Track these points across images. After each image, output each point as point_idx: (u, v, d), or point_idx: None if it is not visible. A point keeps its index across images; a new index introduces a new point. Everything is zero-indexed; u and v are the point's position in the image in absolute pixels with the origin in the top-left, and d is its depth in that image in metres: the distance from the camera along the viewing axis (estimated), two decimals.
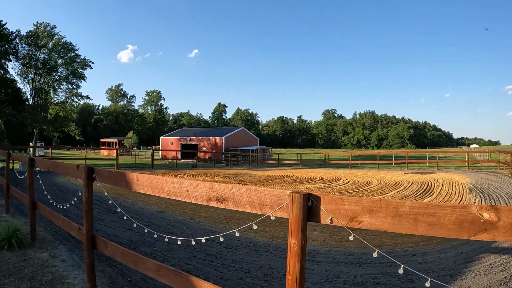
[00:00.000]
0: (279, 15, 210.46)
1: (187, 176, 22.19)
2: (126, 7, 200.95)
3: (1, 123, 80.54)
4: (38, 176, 7.19)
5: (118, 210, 4.41)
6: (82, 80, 42.74)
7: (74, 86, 42.31)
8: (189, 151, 41.20)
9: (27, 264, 5.17)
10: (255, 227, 2.39)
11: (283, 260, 5.61)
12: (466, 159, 30.57)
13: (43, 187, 7.37)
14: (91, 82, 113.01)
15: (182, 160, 37.42)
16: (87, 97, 43.78)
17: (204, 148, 52.06)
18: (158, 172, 24.04)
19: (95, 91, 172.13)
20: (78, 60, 42.39)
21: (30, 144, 60.91)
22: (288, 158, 49.13)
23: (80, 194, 4.38)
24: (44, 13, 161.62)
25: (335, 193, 13.60)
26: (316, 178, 20.15)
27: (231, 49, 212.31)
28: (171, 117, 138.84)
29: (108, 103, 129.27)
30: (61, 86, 42.54)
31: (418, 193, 13.67)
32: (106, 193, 4.30)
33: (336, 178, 19.97)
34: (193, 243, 3.10)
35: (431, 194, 13.44)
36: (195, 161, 38.73)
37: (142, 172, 18.81)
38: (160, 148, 57.05)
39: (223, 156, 44.55)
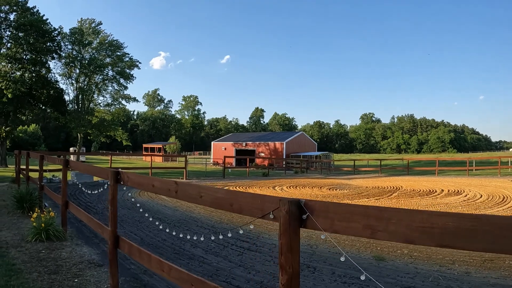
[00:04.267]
0: (311, 18, 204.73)
1: (287, 187, 17.50)
2: (158, 15, 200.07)
3: (38, 128, 78.33)
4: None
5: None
6: (129, 81, 38.64)
7: (121, 88, 38.22)
8: (244, 157, 36.27)
9: None
10: None
11: None
12: None
13: None
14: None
15: (238, 168, 32.62)
16: (135, 99, 39.62)
17: (262, 154, 46.92)
18: (257, 184, 19.10)
19: None
20: (126, 60, 38.31)
21: (71, 149, 57.60)
22: (363, 164, 43.40)
23: None
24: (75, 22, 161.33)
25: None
26: (435, 191, 16.22)
27: (263, 53, 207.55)
28: (205, 122, 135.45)
29: (143, 109, 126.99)
30: (107, 88, 38.62)
31: None
32: None
33: (458, 191, 16.03)
34: None
35: None
36: (251, 168, 33.90)
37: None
38: (212, 154, 52.62)
39: (284, 162, 39.37)
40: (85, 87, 36.23)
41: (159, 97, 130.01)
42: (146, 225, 7.57)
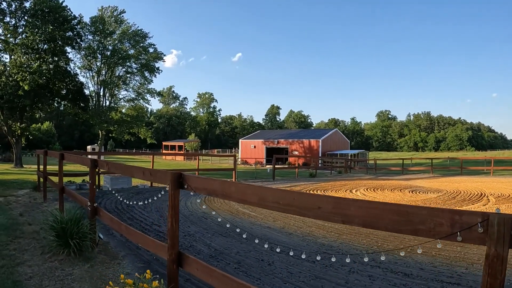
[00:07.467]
0: (325, 14, 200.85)
1: (364, 190, 14.27)
2: (169, 13, 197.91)
3: (52, 126, 75.78)
4: None
5: None
6: (154, 74, 35.67)
7: (146, 81, 35.28)
8: (276, 156, 33.26)
9: None
10: None
11: None
12: None
13: None
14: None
15: (270, 166, 29.81)
16: (160, 93, 36.64)
17: (296, 152, 43.80)
18: (325, 187, 15.92)
19: None
20: (151, 51, 35.32)
21: (89, 148, 54.83)
22: (407, 163, 40.44)
23: None
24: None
25: None
26: None
27: (275, 51, 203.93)
28: (219, 120, 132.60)
29: (157, 106, 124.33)
30: (130, 82, 35.70)
31: None
32: None
33: None
34: None
35: None
36: (286, 168, 30.87)
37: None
38: (240, 152, 49.50)
39: (320, 161, 36.31)
40: (108, 80, 33.30)
41: (174, 94, 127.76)
42: (272, 266, 4.42)
